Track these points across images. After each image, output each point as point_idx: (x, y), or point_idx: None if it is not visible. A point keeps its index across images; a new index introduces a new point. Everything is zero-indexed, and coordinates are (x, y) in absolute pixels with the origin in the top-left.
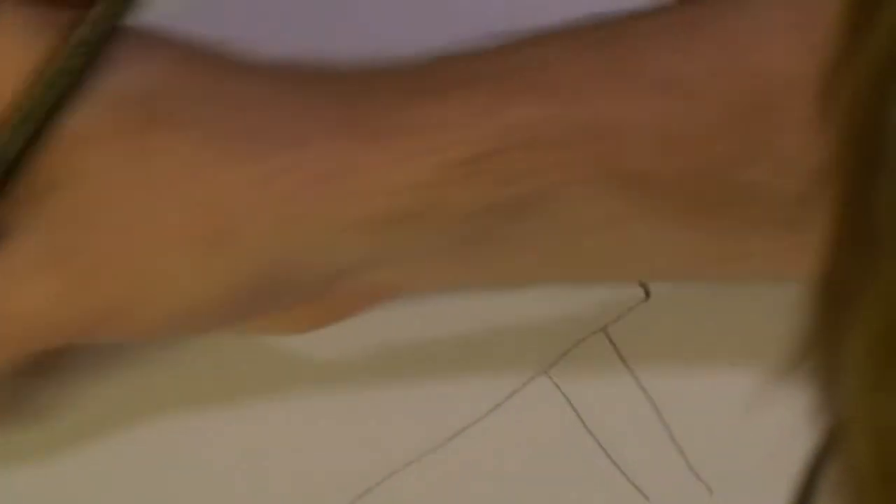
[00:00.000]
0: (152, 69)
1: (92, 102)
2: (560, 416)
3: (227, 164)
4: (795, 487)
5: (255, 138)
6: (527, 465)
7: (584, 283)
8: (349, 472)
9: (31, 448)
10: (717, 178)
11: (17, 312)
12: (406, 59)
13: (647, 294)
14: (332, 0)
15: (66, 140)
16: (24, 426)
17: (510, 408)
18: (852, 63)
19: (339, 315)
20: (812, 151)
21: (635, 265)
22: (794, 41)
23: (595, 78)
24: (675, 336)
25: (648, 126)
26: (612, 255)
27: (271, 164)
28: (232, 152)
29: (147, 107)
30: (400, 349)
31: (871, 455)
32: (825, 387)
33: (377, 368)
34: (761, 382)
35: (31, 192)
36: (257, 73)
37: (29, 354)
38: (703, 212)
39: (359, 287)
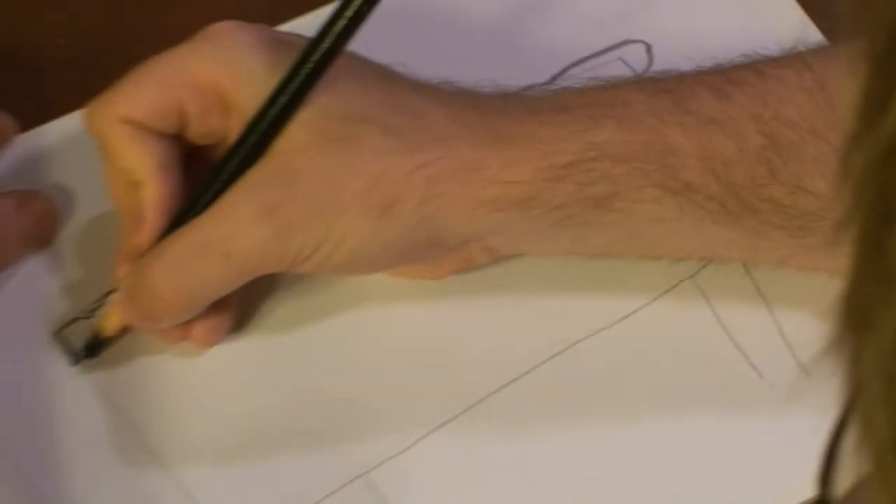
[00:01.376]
0: (351, 82)
1: (309, 101)
2: (701, 316)
3: (397, 152)
4: (820, 456)
5: (418, 135)
6: (671, 356)
7: (643, 258)
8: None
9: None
10: (745, 193)
11: (238, 251)
12: (526, 89)
13: None
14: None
15: (290, 124)
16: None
17: (659, 306)
18: (867, 139)
19: (465, 267)
20: (812, 184)
21: (685, 250)
22: (802, 100)
23: (658, 114)
24: None
25: (694, 151)
26: (665, 242)
27: (428, 155)
28: (401, 144)
29: (346, 107)
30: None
31: (888, 424)
32: (848, 367)
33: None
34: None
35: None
36: (420, 89)
37: (243, 281)
38: (734, 215)
39: (480, 248)
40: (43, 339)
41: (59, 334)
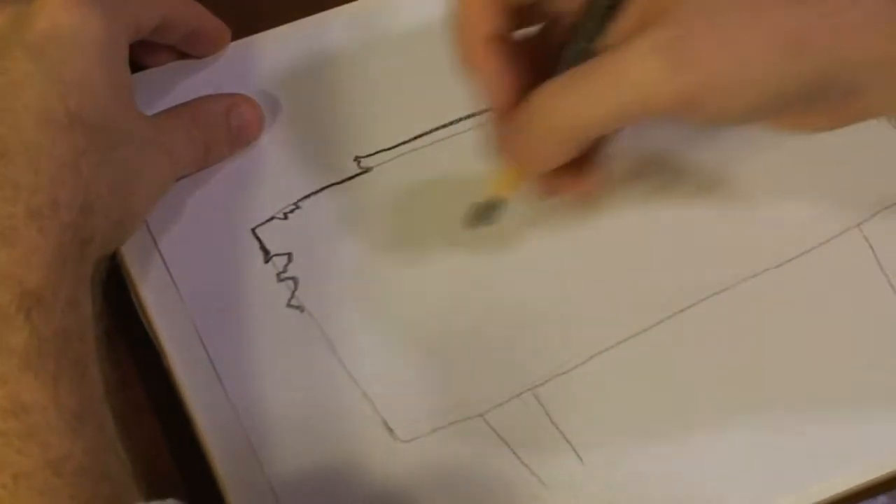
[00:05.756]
0: None
1: None
2: (864, 261)
3: (797, 7)
4: None
5: None
6: (832, 296)
7: None
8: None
9: None
10: None
11: (633, 80)
12: None
13: None
14: None
15: None
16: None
17: (824, 250)
18: None
19: (840, 125)
20: None
21: None
22: None
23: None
24: None
25: None
26: None
27: (832, 7)
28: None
29: None
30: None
31: None
32: None
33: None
34: None
35: (648, 13)
36: None
37: (627, 119)
38: None
39: (856, 105)
40: (241, 234)
41: (256, 231)
